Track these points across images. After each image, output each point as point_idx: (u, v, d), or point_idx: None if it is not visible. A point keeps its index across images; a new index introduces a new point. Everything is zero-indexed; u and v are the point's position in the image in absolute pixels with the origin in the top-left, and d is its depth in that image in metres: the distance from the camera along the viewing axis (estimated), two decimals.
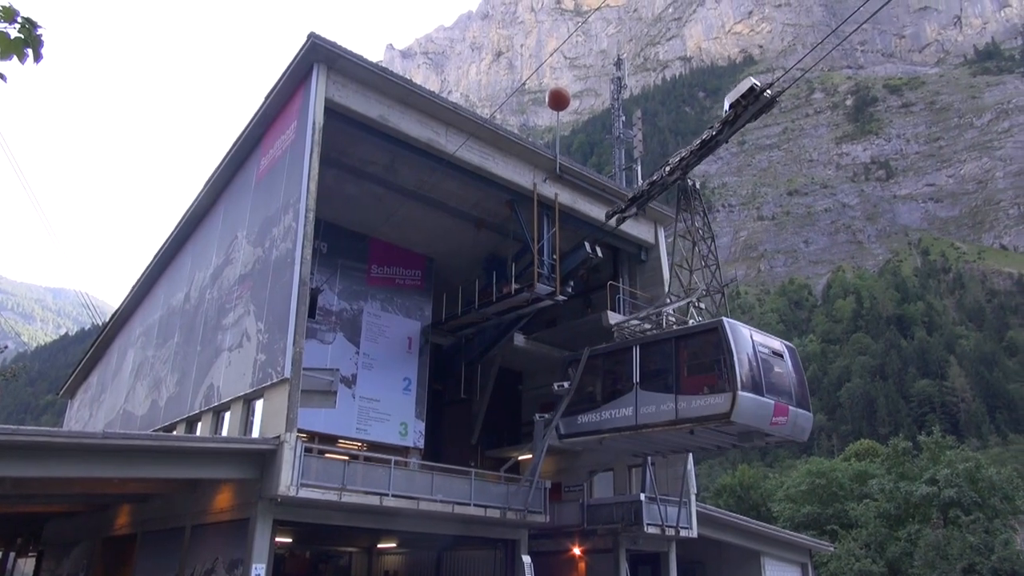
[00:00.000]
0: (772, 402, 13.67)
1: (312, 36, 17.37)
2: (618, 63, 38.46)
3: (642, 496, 20.80)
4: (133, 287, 30.69)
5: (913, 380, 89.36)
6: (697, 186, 17.21)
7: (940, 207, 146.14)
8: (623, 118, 32.69)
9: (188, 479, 17.24)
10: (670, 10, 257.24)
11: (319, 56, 17.57)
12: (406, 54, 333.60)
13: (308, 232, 16.80)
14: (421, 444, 22.67)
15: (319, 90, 17.42)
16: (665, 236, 26.24)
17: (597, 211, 22.95)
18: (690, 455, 22.48)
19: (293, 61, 18.06)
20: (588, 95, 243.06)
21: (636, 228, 24.59)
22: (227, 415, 18.78)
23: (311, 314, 19.55)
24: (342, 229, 22.88)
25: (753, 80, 14.33)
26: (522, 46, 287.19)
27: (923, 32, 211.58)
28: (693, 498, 22.48)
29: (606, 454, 21.57)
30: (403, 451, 21.91)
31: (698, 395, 13.85)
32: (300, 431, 16.32)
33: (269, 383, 16.46)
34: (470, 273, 23.24)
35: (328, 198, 19.16)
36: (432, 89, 20.39)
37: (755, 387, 13.40)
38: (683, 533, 21.52)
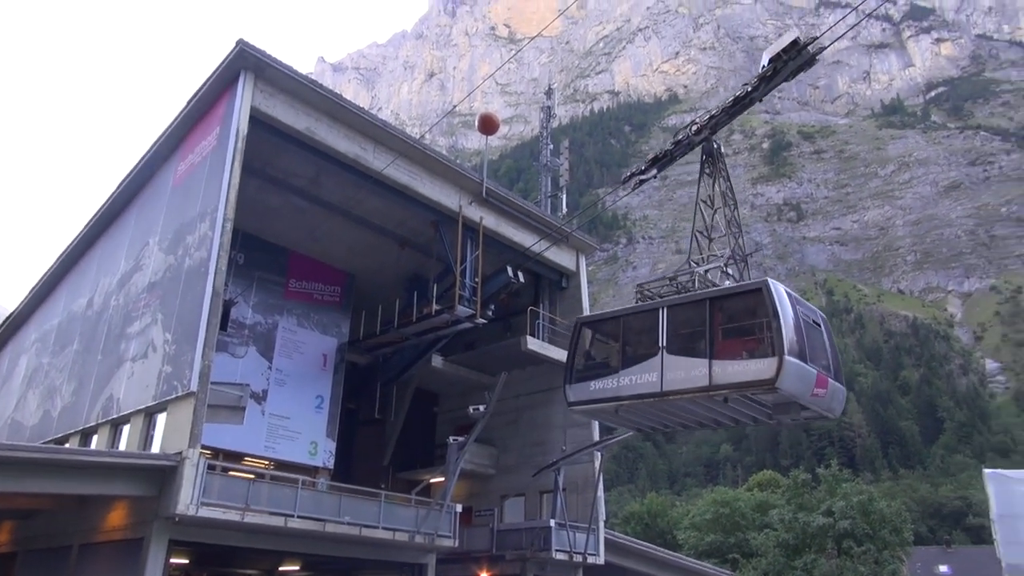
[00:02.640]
0: (815, 371, 12.80)
1: (240, 43, 17.03)
2: (549, 92, 39.16)
3: (552, 522, 20.89)
4: (32, 290, 29.05)
5: None
6: (722, 148, 16.00)
7: (845, 250, 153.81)
8: (551, 146, 33.23)
9: (79, 495, 16.31)
10: (601, 45, 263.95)
11: (247, 63, 17.21)
12: (338, 68, 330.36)
13: (225, 242, 16.32)
14: (331, 464, 22.16)
15: (245, 98, 17.04)
16: (586, 265, 26.70)
17: (521, 236, 23.18)
18: (600, 482, 22.76)
19: (220, 66, 17.64)
20: (518, 121, 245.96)
21: (559, 256, 24.93)
22: (126, 428, 17.91)
23: (223, 326, 18.94)
24: (261, 241, 22.33)
25: (798, 33, 13.39)
26: (455, 68, 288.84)
27: (835, 84, 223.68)
28: (602, 524, 22.72)
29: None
30: (312, 471, 21.35)
31: (736, 360, 12.84)
32: (204, 447, 15.71)
33: (174, 396, 15.81)
34: (391, 292, 23.03)
35: (249, 208, 18.70)
36: (362, 105, 20.29)
37: (800, 354, 12.41)
38: (590, 559, 21.70)
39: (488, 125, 23.74)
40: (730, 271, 14.89)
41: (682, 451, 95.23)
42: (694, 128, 15.26)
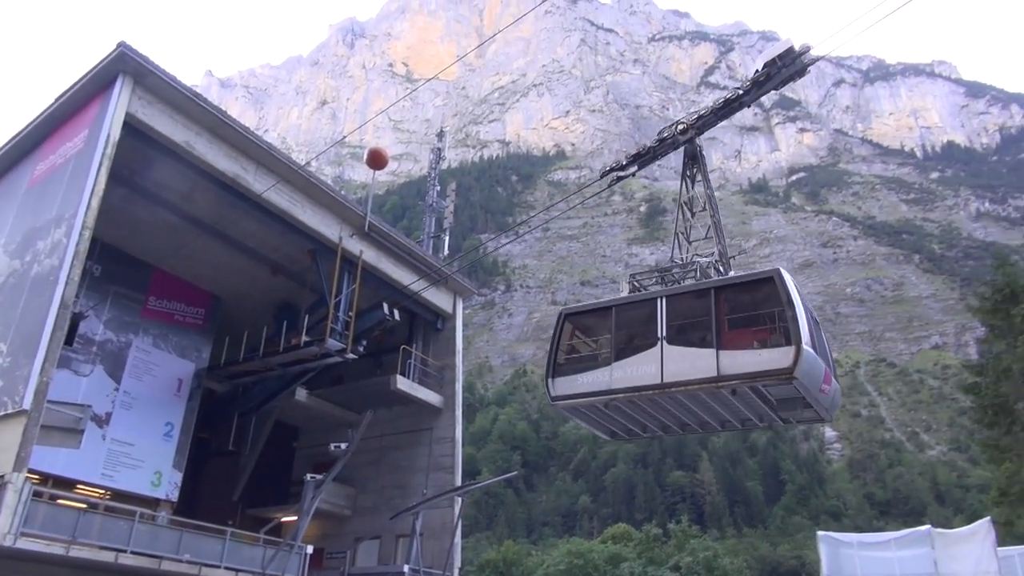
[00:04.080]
0: (823, 365, 12.45)
1: (122, 45, 16.22)
2: (440, 134, 39.56)
3: (406, 568, 20.39)
4: None
5: (670, 471, 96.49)
6: (703, 151, 15.60)
7: None
8: (438, 187, 33.40)
9: None
10: (496, 94, 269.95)
11: (127, 67, 16.38)
12: (226, 84, 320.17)
13: (81, 251, 15.24)
14: (175, 497, 20.78)
15: (120, 103, 16.16)
16: (463, 308, 26.79)
17: (400, 274, 23.02)
18: (459, 528, 22.52)
19: (96, 67, 16.69)
20: (407, 159, 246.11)
21: (437, 297, 24.91)
22: None
23: (68, 341, 17.57)
24: (122, 253, 21.01)
25: (792, 42, 13.45)
26: (348, 99, 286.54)
27: (710, 159, 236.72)
28: (456, 572, 22.41)
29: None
30: (153, 503, 19.95)
31: (747, 350, 12.30)
32: (31, 472, 14.38)
33: (3, 413, 14.43)
34: (259, 319, 22.19)
35: (112, 218, 17.62)
36: (248, 124, 19.69)
37: (812, 345, 12.00)
38: None
39: (377, 159, 23.63)
40: (721, 268, 14.69)
41: (542, 499, 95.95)
42: (680, 127, 15.19)
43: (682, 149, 15.45)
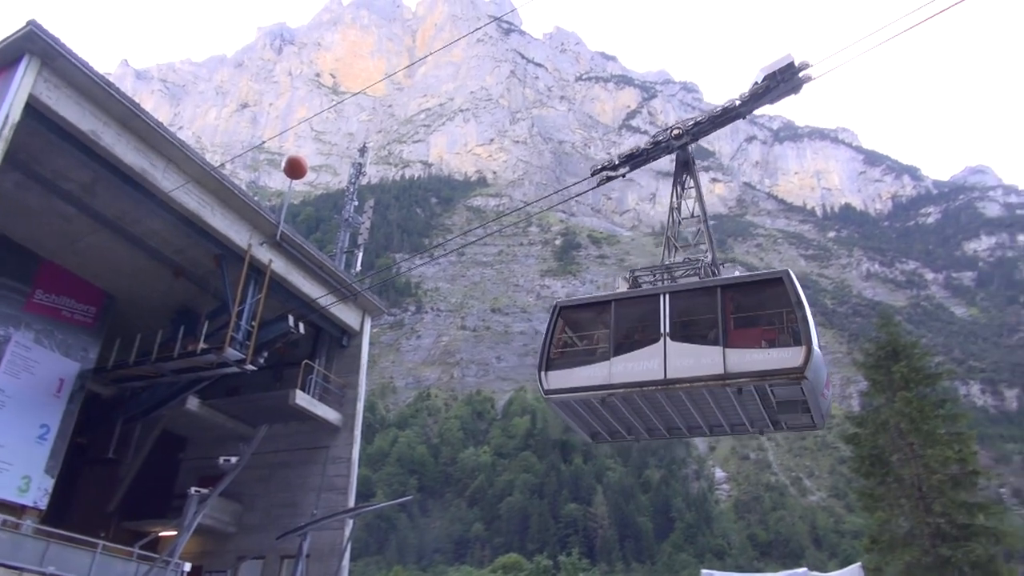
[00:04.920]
0: (826, 369, 12.48)
1: (31, 24, 15.43)
2: (363, 149, 39.20)
3: None
4: None
5: (565, 502, 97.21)
6: (695, 160, 15.55)
7: None
8: (356, 203, 33.01)
9: None
10: (422, 116, 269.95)
11: (35, 47, 15.57)
12: (142, 75, 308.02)
13: None
14: (43, 504, 19.49)
15: (23, 84, 15.32)
16: (371, 327, 26.44)
17: (309, 287, 22.56)
18: (347, 551, 22.00)
19: (1, 43, 15.80)
20: (326, 171, 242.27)
21: (345, 313, 24.51)
22: None
23: None
24: (9, 241, 19.80)
25: (792, 57, 13.52)
26: (271, 105, 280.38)
27: (626, 199, 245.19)
28: None
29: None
30: (19, 510, 18.64)
31: (755, 349, 12.17)
32: None
33: None
34: (155, 322, 21.25)
35: (2, 204, 16.60)
36: (162, 120, 18.96)
37: (819, 347, 12.01)
38: None
39: (295, 168, 23.17)
40: (713, 272, 14.65)
41: (435, 525, 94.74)
42: (675, 132, 15.01)
43: (675, 157, 15.47)
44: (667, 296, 13.32)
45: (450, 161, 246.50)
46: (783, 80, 13.40)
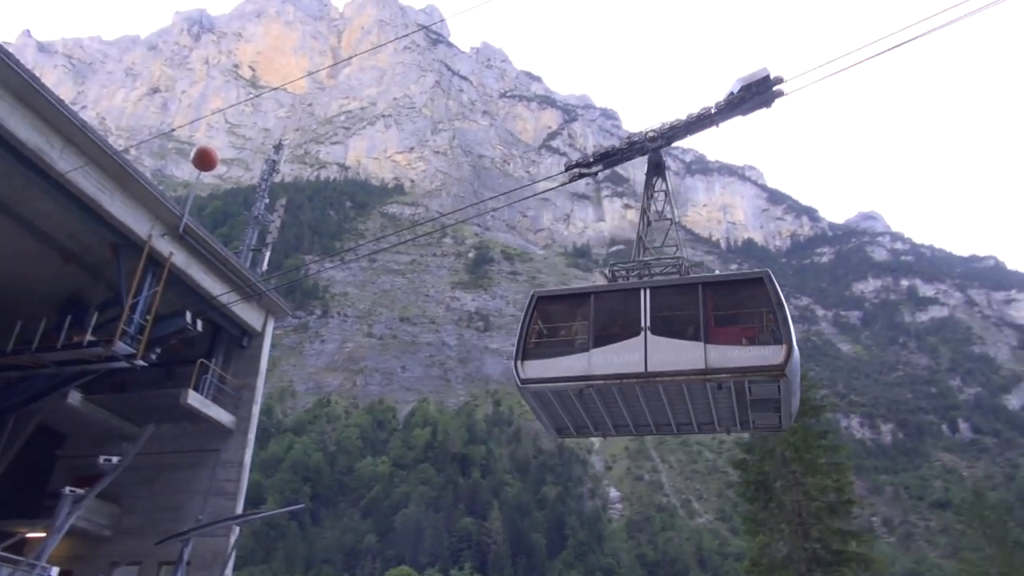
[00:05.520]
0: (799, 371, 12.67)
1: None
2: (279, 146, 38.20)
3: None
4: None
5: (461, 516, 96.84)
6: (667, 163, 15.57)
7: None
8: (267, 200, 32.13)
9: None
10: (342, 117, 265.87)
11: None
12: (45, 48, 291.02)
13: None
14: None
15: None
16: (274, 328, 25.74)
17: (211, 283, 21.79)
18: (231, 559, 21.23)
19: None
20: (238, 165, 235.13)
21: (247, 312, 23.79)
22: None
23: None
24: None
25: (768, 71, 13.71)
26: (184, 93, 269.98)
27: (541, 218, 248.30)
28: None
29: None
30: None
31: (736, 346, 12.34)
32: None
33: None
34: (40, 309, 20.01)
35: None
36: (64, 98, 17.95)
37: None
38: None
39: (205, 160, 22.36)
40: (682, 271, 14.89)
41: (327, 535, 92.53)
42: (650, 135, 15.11)
43: (648, 159, 15.64)
44: (648, 291, 13.46)
45: (368, 166, 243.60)
46: (757, 92, 13.68)
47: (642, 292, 13.46)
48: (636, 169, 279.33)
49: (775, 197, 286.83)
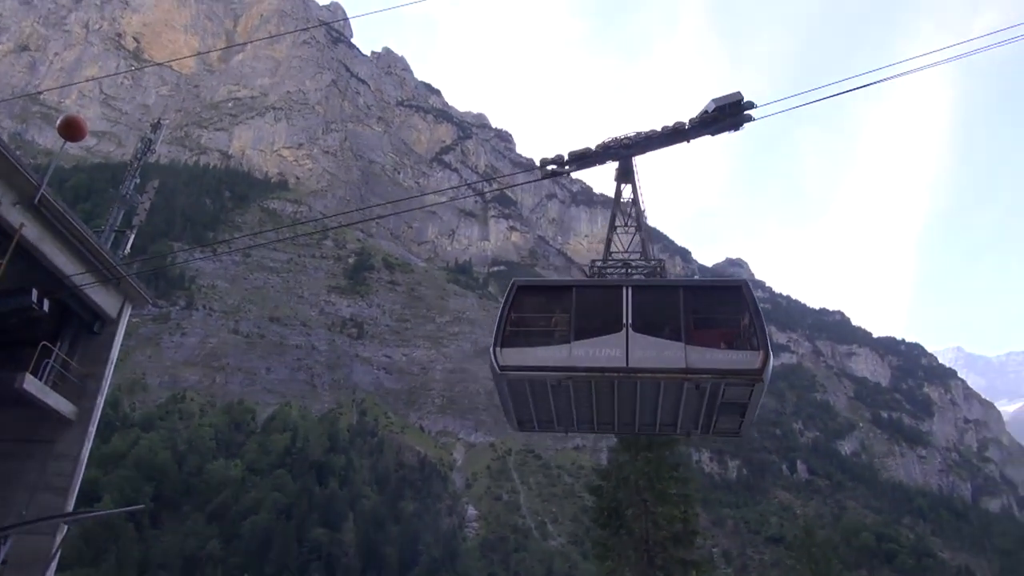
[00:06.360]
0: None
1: None
2: (157, 125, 36.18)
3: None
4: None
5: (313, 526, 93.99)
6: (636, 169, 15.80)
7: (389, 378, 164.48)
8: (138, 180, 30.33)
9: None
10: (231, 104, 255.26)
11: None
12: None
13: None
14: None
15: None
16: (131, 316, 24.27)
17: (65, 261, 20.31)
18: (56, 560, 19.69)
19: None
20: (109, 140, 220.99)
21: (102, 296, 22.32)
22: None
23: None
24: None
25: (742, 94, 14.26)
26: (57, 55, 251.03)
27: (426, 231, 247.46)
28: None
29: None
30: None
31: (714, 349, 12.70)
32: None
33: None
34: None
35: None
36: None
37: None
38: None
39: (72, 129, 20.88)
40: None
41: (166, 539, 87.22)
42: (625, 142, 15.27)
43: (618, 165, 15.93)
44: (630, 289, 13.69)
45: (252, 157, 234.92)
46: (730, 114, 14.21)
47: (624, 290, 13.73)
48: (526, 194, 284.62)
49: (653, 236, 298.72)
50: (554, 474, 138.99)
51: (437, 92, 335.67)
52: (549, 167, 15.79)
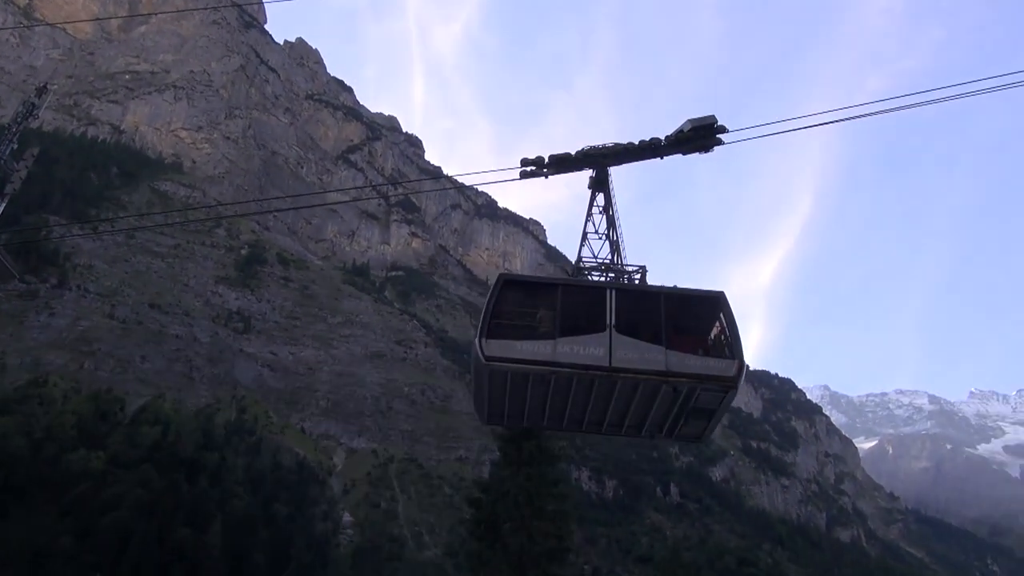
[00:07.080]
0: None
1: None
2: (42, 89, 34.13)
3: None
4: None
5: (178, 526, 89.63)
6: (611, 177, 16.00)
7: (272, 377, 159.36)
8: (15, 146, 28.55)
9: None
10: (127, 77, 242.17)
11: None
12: None
13: None
14: None
15: None
16: None
17: None
18: None
19: None
20: None
21: None
22: None
23: None
24: None
25: (716, 118, 14.53)
26: None
27: (326, 228, 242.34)
28: None
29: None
30: None
31: (692, 354, 13.25)
32: None
33: None
34: None
35: None
36: None
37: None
38: None
39: None
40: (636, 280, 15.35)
41: (12, 531, 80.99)
42: (603, 151, 15.36)
43: (594, 174, 16.16)
44: (614, 292, 14.19)
45: (147, 135, 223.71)
46: (703, 135, 14.69)
47: (608, 292, 14.24)
48: (430, 201, 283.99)
49: (553, 255, 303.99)
50: (435, 484, 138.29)
51: (349, 90, 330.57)
52: (528, 168, 15.87)
